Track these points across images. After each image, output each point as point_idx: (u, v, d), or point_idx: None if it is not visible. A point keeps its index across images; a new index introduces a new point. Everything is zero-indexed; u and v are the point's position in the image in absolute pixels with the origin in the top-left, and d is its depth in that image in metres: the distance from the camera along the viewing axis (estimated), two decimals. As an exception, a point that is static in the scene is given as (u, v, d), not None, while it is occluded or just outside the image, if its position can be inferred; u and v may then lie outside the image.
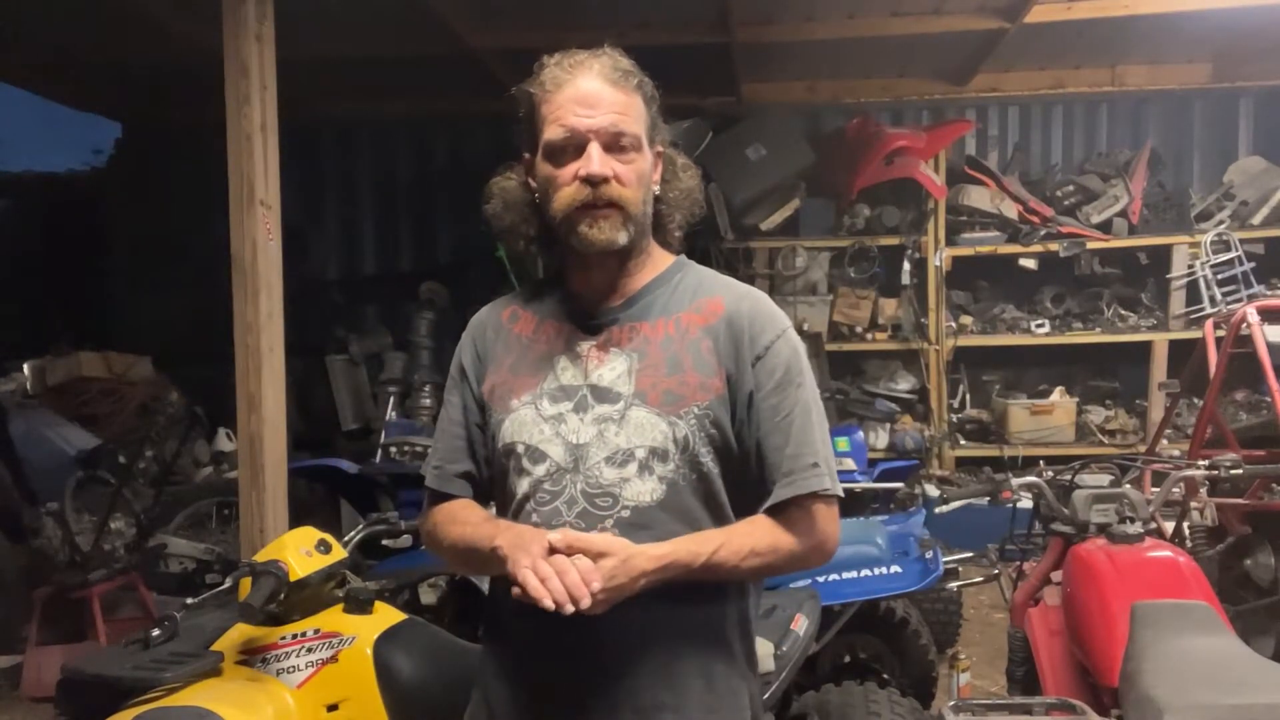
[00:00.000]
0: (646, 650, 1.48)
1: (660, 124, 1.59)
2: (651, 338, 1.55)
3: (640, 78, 1.55)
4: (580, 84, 1.51)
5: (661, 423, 1.50)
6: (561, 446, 1.52)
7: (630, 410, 1.51)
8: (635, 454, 1.49)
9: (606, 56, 1.54)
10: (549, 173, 1.52)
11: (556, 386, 1.55)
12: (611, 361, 1.55)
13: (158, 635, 2.27)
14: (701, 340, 1.54)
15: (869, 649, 3.56)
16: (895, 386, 7.20)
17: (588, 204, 1.49)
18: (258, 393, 3.77)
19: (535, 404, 1.55)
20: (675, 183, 1.63)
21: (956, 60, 7.05)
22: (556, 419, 1.53)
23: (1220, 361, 4.58)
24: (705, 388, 1.51)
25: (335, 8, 5.47)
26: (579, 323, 1.59)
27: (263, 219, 3.76)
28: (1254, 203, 7.06)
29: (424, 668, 2.27)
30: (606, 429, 1.51)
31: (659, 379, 1.52)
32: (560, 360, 1.57)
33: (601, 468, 1.49)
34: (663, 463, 1.49)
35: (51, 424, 5.56)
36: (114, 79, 7.24)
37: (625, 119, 1.51)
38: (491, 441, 1.60)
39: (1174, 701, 1.96)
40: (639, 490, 1.49)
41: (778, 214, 7.08)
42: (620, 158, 1.50)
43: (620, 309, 1.58)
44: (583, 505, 1.49)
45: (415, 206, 8.32)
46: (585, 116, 1.49)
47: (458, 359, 1.68)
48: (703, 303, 1.58)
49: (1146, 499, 2.82)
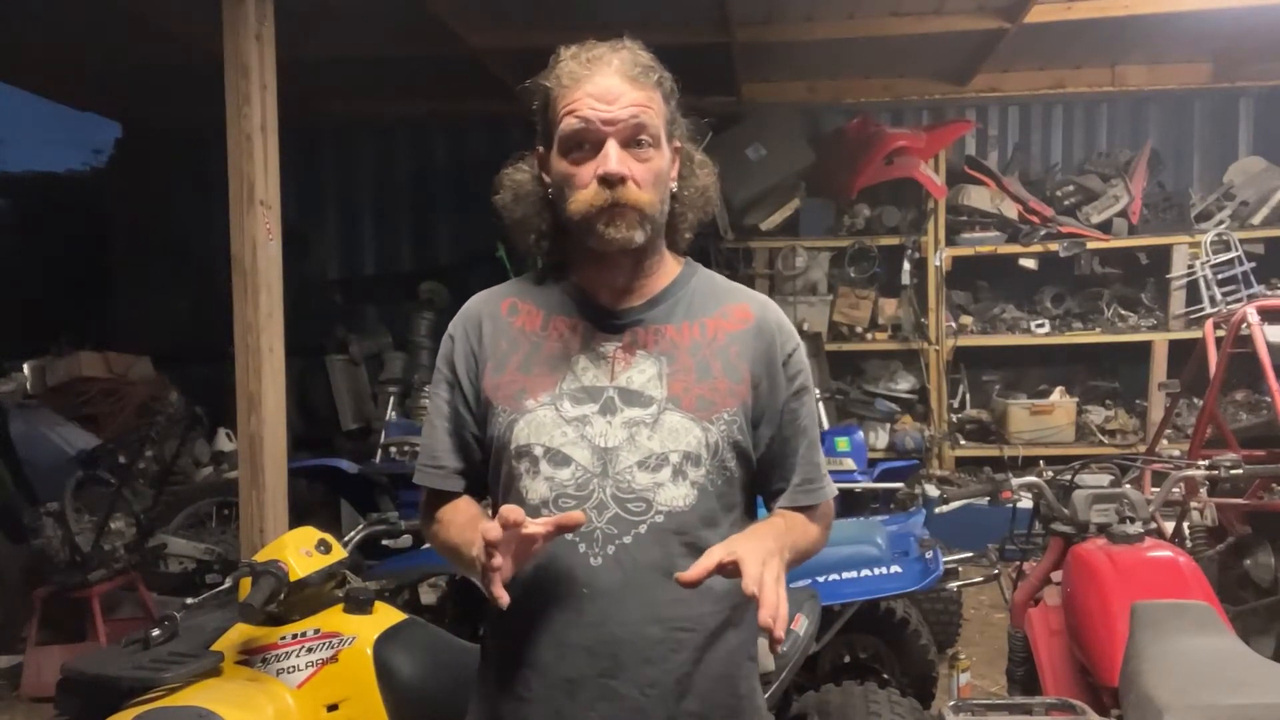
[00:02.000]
0: (665, 658, 1.45)
1: (679, 119, 1.56)
2: (679, 342, 1.53)
3: (660, 73, 1.52)
4: (599, 80, 1.47)
5: (695, 428, 1.48)
6: (588, 450, 1.48)
7: (664, 414, 1.48)
8: (669, 459, 1.47)
9: (626, 51, 1.50)
10: (565, 170, 1.49)
11: (578, 387, 1.51)
12: (640, 364, 1.52)
13: (158, 635, 2.27)
14: (730, 346, 1.54)
15: (869, 649, 3.56)
16: (895, 386, 7.21)
17: (605, 207, 1.46)
18: (258, 393, 3.77)
19: (555, 405, 1.50)
20: (691, 180, 1.59)
21: (956, 60, 7.06)
22: (580, 421, 1.49)
23: (1220, 361, 4.58)
24: (734, 394, 1.51)
25: (335, 8, 5.47)
26: (595, 321, 1.55)
27: (263, 219, 3.77)
28: (1254, 203, 7.06)
29: (424, 668, 2.27)
30: (638, 433, 1.48)
31: (690, 384, 1.50)
32: (579, 360, 1.52)
33: (634, 472, 1.46)
34: (695, 468, 1.48)
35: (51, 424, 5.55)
36: (114, 79, 7.24)
37: (644, 114, 1.47)
38: (497, 441, 1.54)
39: (1174, 701, 1.96)
40: (673, 495, 1.46)
41: (778, 214, 7.08)
42: (638, 154, 1.47)
43: (642, 309, 1.55)
44: (614, 510, 1.45)
45: (415, 206, 8.32)
46: (603, 111, 1.45)
47: (446, 351, 1.62)
48: (729, 309, 1.57)
49: (1146, 499, 2.81)
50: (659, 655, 1.45)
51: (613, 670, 1.44)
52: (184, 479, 6.19)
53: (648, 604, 1.44)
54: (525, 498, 1.49)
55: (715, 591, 1.46)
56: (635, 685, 1.44)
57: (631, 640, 1.44)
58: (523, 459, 1.50)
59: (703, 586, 1.44)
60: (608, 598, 1.44)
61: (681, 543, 1.45)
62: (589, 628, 1.43)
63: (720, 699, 1.49)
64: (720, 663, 1.49)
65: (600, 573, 1.44)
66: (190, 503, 5.49)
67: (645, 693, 1.45)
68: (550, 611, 1.45)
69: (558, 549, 1.44)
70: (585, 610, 1.44)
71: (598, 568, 1.44)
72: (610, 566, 1.44)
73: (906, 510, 4.12)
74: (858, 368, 7.40)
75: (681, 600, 1.43)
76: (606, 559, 1.44)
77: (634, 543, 1.44)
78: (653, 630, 1.44)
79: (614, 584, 1.44)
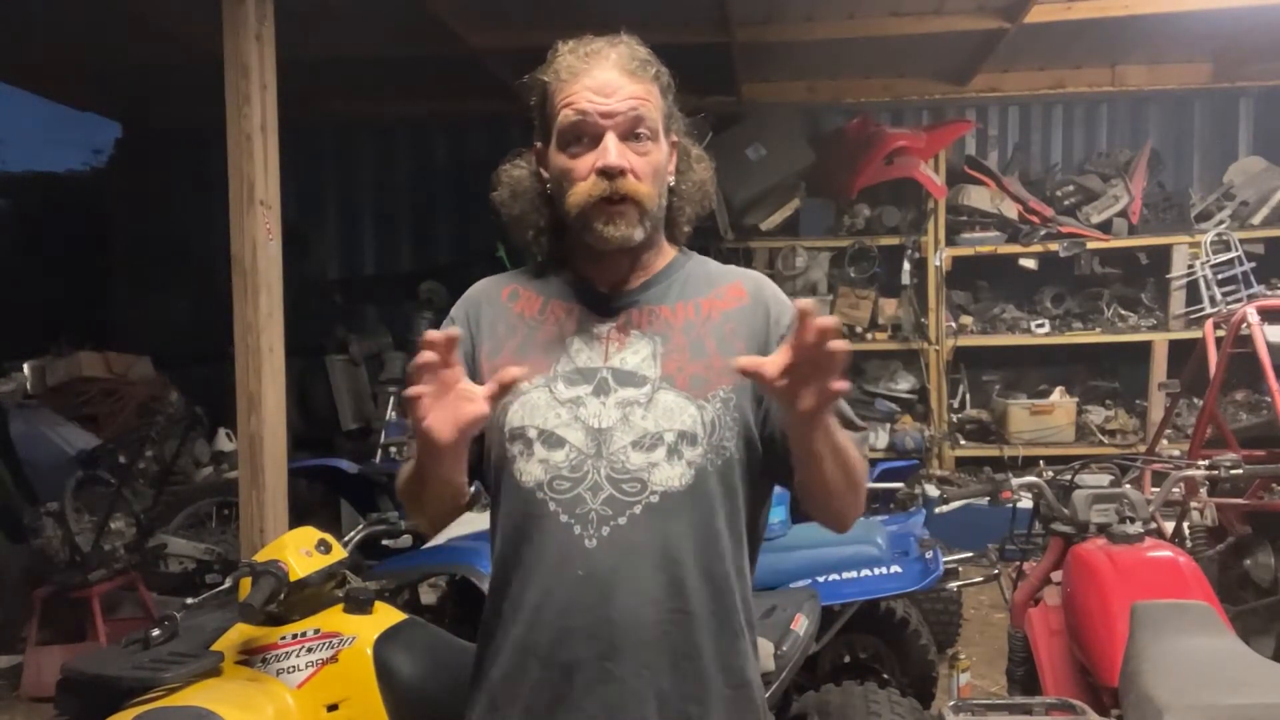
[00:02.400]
0: (662, 641, 1.44)
1: (676, 114, 1.56)
2: (673, 321, 1.53)
3: (658, 67, 1.52)
4: (596, 73, 1.47)
5: (690, 406, 1.47)
6: (582, 431, 1.47)
7: (658, 393, 1.47)
8: (664, 438, 1.45)
9: (623, 45, 1.51)
10: (563, 164, 1.48)
11: (572, 369, 1.50)
12: (634, 344, 1.51)
13: (158, 635, 2.27)
14: (725, 324, 1.53)
15: (869, 649, 3.56)
16: (895, 386, 7.21)
17: (604, 199, 1.46)
18: (258, 393, 3.77)
19: (549, 387, 1.49)
20: (689, 174, 1.59)
21: (956, 60, 7.05)
22: (574, 402, 1.48)
23: (1220, 361, 4.58)
24: (729, 371, 1.46)
25: (335, 8, 5.47)
26: (591, 304, 1.55)
27: (263, 219, 3.76)
28: (1254, 203, 7.06)
29: (424, 668, 2.27)
30: (632, 413, 1.46)
31: (684, 363, 1.49)
32: (574, 342, 1.52)
33: (628, 452, 1.45)
34: (691, 447, 1.45)
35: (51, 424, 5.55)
36: (114, 79, 7.24)
37: (642, 107, 1.47)
38: (492, 425, 1.49)
39: (1174, 701, 1.96)
40: (668, 475, 1.45)
41: (778, 214, 7.08)
42: (636, 148, 1.47)
43: (637, 291, 1.55)
44: (609, 491, 1.44)
45: (415, 206, 8.32)
46: (601, 104, 1.45)
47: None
48: (723, 289, 1.56)
49: (1146, 499, 2.82)
50: (656, 638, 1.44)
51: (609, 653, 1.43)
52: (184, 479, 6.19)
53: (644, 586, 1.43)
54: (519, 480, 1.48)
55: (714, 574, 1.46)
56: (633, 668, 1.43)
57: (628, 623, 1.42)
58: (516, 441, 1.49)
59: (703, 569, 1.45)
60: (604, 580, 1.42)
61: (679, 524, 1.44)
62: (585, 611, 1.42)
63: (719, 685, 1.47)
64: (719, 648, 1.47)
65: (595, 554, 1.42)
66: (190, 503, 5.49)
67: (643, 676, 1.43)
68: (546, 595, 1.44)
69: (552, 530, 1.44)
70: (581, 593, 1.42)
71: (592, 549, 1.43)
72: (605, 548, 1.42)
73: (906, 510, 4.11)
74: (858, 368, 7.39)
75: (678, 582, 1.43)
76: (601, 541, 1.43)
77: (629, 524, 1.43)
78: (649, 612, 1.43)
79: (610, 566, 1.42)
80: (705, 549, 1.46)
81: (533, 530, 1.46)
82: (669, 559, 1.44)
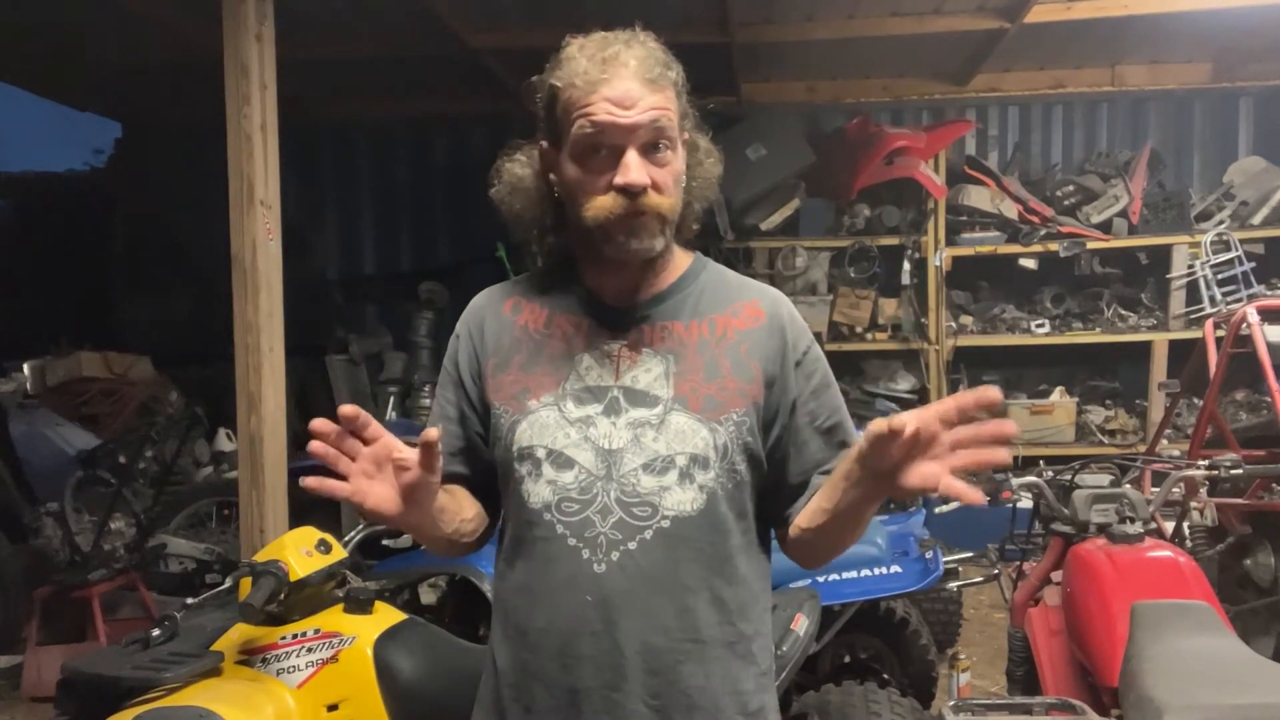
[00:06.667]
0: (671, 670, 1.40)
1: (689, 111, 1.49)
2: (686, 339, 1.47)
3: (675, 67, 1.45)
4: (616, 84, 1.38)
5: (703, 429, 1.41)
6: (591, 452, 1.41)
7: (670, 415, 1.42)
8: (676, 461, 1.40)
9: (640, 47, 1.42)
10: (578, 175, 1.41)
11: (582, 387, 1.44)
12: (646, 363, 1.45)
13: (158, 635, 2.27)
14: (740, 344, 1.47)
15: (869, 649, 3.56)
16: (895, 387, 7.20)
17: (625, 215, 1.39)
18: (258, 393, 3.77)
19: (558, 405, 1.44)
20: (699, 170, 1.52)
21: (956, 60, 7.05)
22: (584, 422, 1.42)
23: (1220, 361, 4.58)
24: (744, 394, 1.44)
25: (336, 8, 5.48)
26: (601, 319, 1.49)
27: (263, 219, 3.77)
28: (1254, 203, 7.06)
29: (424, 668, 2.27)
30: (643, 434, 1.41)
31: (698, 384, 1.44)
32: (583, 359, 1.46)
33: (639, 475, 1.40)
34: (703, 471, 1.40)
35: (51, 424, 5.55)
36: (114, 79, 7.23)
37: (663, 118, 1.40)
38: (500, 443, 1.47)
39: (1174, 701, 1.96)
40: (679, 499, 1.40)
41: (778, 214, 7.07)
42: (656, 159, 1.40)
43: (649, 305, 1.48)
44: (619, 515, 1.39)
45: (415, 206, 8.32)
46: (621, 118, 1.37)
47: (452, 351, 1.57)
48: (740, 305, 1.51)
49: (1146, 499, 2.82)
50: (664, 667, 1.39)
51: (616, 682, 1.39)
52: (184, 479, 6.19)
53: (653, 613, 1.39)
54: (527, 501, 1.43)
55: (725, 601, 1.43)
56: (640, 698, 1.39)
57: (636, 651, 1.38)
58: (525, 461, 1.44)
59: (714, 595, 1.41)
60: (612, 606, 1.38)
61: (689, 549, 1.40)
62: (593, 638, 1.38)
63: (731, 716, 1.43)
64: (729, 677, 1.43)
65: (604, 580, 1.38)
66: (190, 503, 5.48)
67: (650, 705, 1.39)
68: (553, 620, 1.41)
69: (559, 554, 1.40)
70: (589, 619, 1.38)
71: (601, 574, 1.38)
72: (614, 573, 1.38)
73: (906, 510, 4.11)
74: (858, 368, 7.39)
75: (688, 610, 1.40)
76: (610, 566, 1.38)
77: (639, 549, 1.38)
78: (658, 640, 1.39)
79: (618, 592, 1.38)
80: (717, 574, 1.42)
81: (540, 553, 1.42)
82: (680, 585, 1.40)
